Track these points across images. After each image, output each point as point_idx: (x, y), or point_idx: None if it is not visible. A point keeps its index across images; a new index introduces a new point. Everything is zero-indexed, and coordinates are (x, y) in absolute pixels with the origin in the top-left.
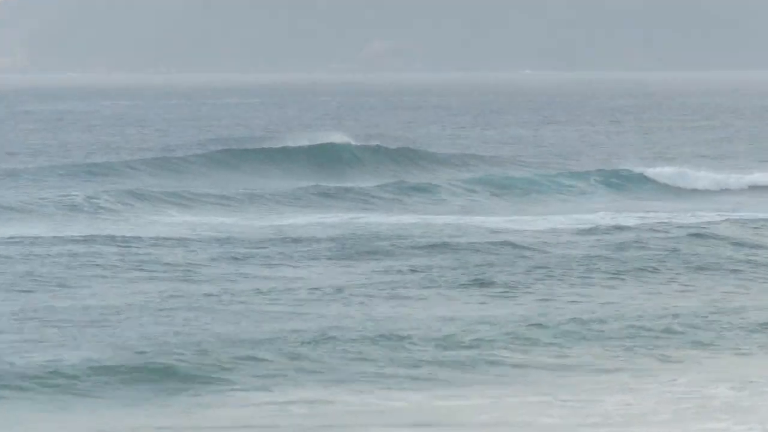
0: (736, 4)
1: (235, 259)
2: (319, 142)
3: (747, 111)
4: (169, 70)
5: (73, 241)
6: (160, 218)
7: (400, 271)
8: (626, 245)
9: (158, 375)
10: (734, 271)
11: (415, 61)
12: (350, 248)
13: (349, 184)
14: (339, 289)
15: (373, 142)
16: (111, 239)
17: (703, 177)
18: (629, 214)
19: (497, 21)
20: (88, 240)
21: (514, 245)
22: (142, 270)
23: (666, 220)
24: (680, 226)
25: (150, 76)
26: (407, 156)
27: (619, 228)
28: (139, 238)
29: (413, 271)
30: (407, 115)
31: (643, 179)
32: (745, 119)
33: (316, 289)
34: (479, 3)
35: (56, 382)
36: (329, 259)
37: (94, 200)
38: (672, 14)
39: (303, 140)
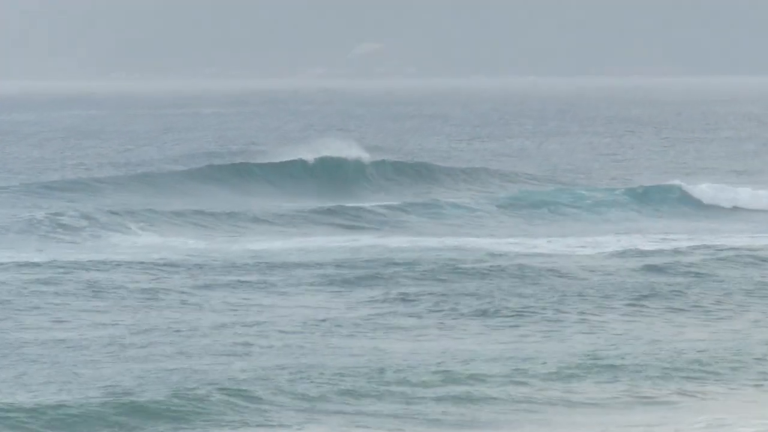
0: (758, 4)
1: (212, 286)
2: (324, 155)
3: None
4: (131, 76)
5: (30, 265)
6: (130, 240)
7: (387, 300)
8: (654, 268)
9: (124, 414)
10: (765, 297)
11: (406, 65)
12: (339, 275)
13: (352, 204)
14: (324, 320)
15: (381, 157)
16: (74, 264)
17: (743, 193)
18: (656, 235)
19: (498, 22)
20: (48, 265)
21: (529, 269)
22: (106, 299)
23: (697, 242)
24: (714, 248)
25: (110, 83)
26: (420, 172)
27: (646, 251)
28: (104, 262)
29: (406, 300)
30: (401, 126)
31: (677, 195)
32: None
33: (300, 320)
34: (477, 3)
35: (12, 419)
36: (316, 285)
37: (58, 218)
38: (689, 15)
39: (305, 153)
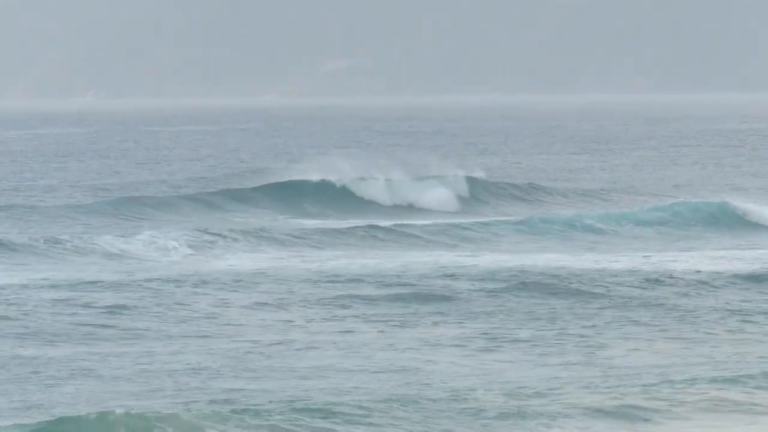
0: (736, 23)
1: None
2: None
3: None
4: (98, 95)
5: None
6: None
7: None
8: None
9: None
10: None
11: (374, 82)
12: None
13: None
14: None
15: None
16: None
17: None
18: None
19: (468, 40)
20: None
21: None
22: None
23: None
24: None
25: (76, 101)
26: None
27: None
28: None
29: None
30: (408, 142)
31: (733, 215)
32: None
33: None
34: (446, 20)
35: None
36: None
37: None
38: (668, 33)
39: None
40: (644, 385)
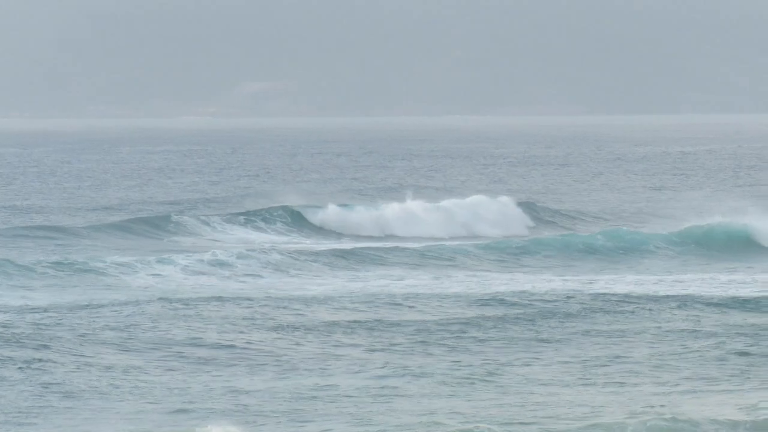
0: (668, 46)
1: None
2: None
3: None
4: (22, 114)
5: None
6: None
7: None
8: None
9: None
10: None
11: (295, 103)
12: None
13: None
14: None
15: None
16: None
17: None
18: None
19: (389, 62)
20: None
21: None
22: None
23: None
24: None
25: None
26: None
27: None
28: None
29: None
30: (355, 163)
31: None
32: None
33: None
34: (374, 38)
35: None
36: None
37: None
38: (595, 55)
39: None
40: None
